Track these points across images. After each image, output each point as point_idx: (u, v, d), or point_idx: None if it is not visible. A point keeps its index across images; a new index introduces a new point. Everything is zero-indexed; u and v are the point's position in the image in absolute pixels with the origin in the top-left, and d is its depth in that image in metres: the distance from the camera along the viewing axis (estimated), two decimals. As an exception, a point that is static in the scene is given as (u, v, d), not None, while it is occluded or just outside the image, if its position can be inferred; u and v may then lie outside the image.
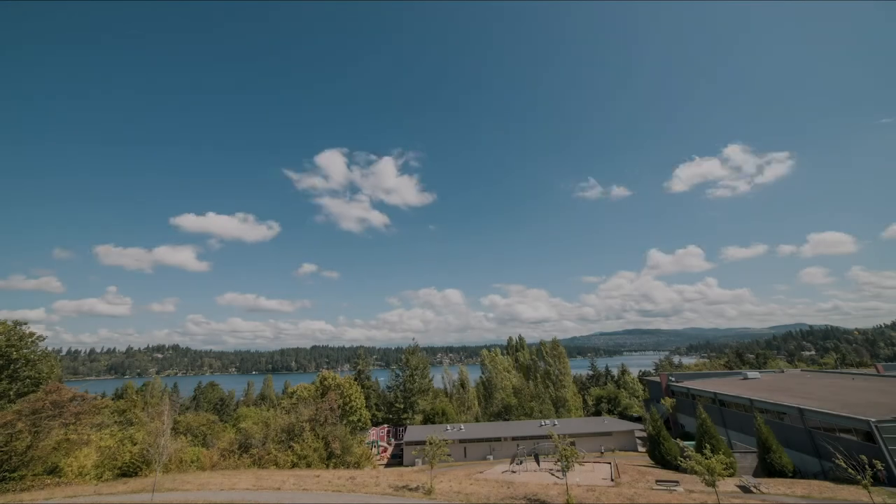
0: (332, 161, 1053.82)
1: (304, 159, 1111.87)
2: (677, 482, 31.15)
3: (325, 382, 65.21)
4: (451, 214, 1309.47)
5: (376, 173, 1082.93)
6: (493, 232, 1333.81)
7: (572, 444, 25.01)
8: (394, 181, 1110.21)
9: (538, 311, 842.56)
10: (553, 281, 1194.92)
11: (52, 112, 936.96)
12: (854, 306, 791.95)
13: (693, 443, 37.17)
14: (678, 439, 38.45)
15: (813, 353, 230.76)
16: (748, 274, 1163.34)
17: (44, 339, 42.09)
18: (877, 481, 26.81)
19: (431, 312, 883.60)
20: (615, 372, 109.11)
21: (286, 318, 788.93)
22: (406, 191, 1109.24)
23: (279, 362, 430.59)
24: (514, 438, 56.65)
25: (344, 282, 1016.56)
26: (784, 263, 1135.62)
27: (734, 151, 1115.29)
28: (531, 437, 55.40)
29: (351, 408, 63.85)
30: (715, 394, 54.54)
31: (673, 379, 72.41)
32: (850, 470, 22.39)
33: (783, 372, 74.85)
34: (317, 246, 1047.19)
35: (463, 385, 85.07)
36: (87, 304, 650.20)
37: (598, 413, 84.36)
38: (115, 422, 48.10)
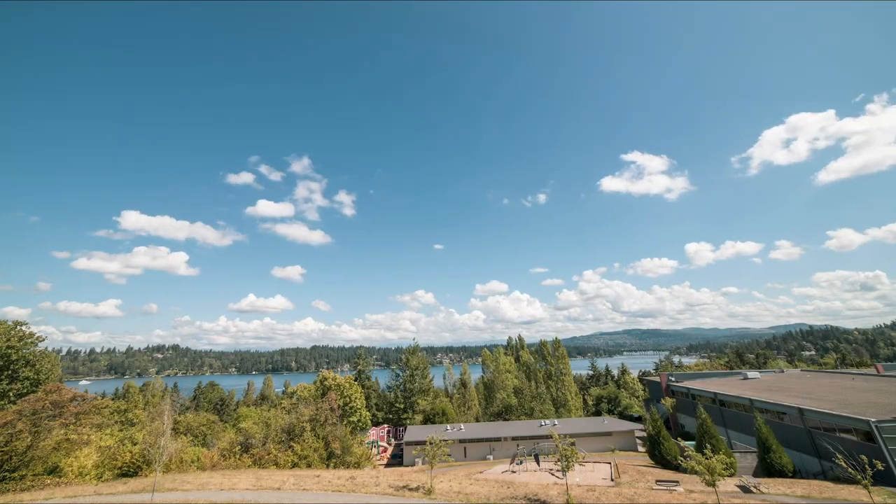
0: (269, 169, 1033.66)
1: (237, 164, 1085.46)
2: (677, 482, 31.16)
3: (326, 382, 65.23)
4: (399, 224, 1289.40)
5: (313, 188, 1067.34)
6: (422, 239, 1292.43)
7: (573, 444, 25.02)
8: (341, 196, 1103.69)
9: (521, 311, 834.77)
10: (520, 281, 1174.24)
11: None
12: (833, 306, 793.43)
13: (693, 443, 37.18)
14: (678, 439, 38.39)
15: (813, 353, 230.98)
16: (715, 276, 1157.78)
17: (43, 339, 42.12)
18: (879, 477, 26.78)
19: (413, 313, 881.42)
20: (615, 372, 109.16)
21: (272, 318, 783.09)
22: (345, 206, 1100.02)
23: (279, 362, 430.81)
24: (514, 438, 56.68)
25: (313, 286, 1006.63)
26: (742, 266, 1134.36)
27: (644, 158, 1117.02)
28: (531, 437, 55.43)
29: (351, 408, 63.87)
30: (715, 394, 54.55)
31: (673, 379, 72.41)
32: (850, 470, 22.40)
33: (783, 372, 74.85)
34: (275, 252, 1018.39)
35: (464, 385, 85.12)
36: (62, 306, 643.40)
37: (598, 413, 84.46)
38: (116, 422, 48.16)
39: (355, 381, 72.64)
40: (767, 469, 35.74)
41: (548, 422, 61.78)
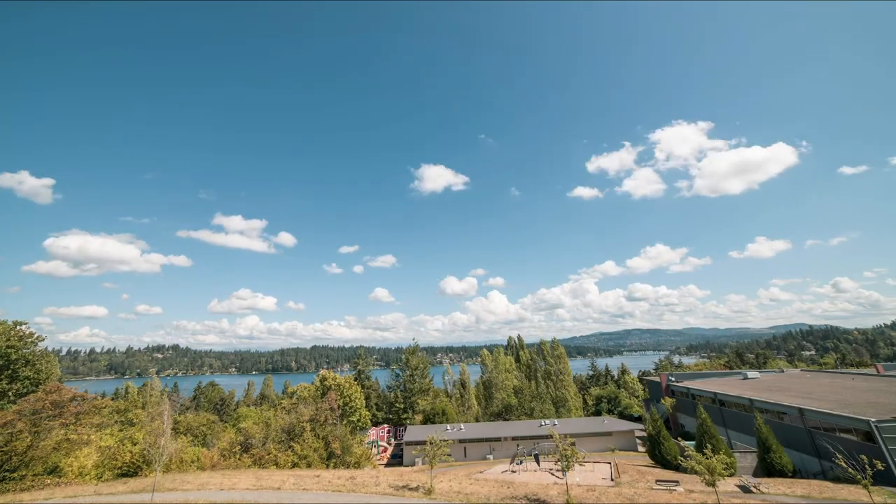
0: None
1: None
2: (677, 482, 31.17)
3: (325, 382, 65.27)
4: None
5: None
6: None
7: (573, 444, 25.01)
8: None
9: (497, 311, 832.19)
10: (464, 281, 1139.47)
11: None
12: (806, 308, 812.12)
13: (693, 443, 37.19)
14: (678, 439, 38.42)
15: (813, 352, 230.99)
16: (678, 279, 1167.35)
17: (43, 339, 42.10)
18: (879, 477, 26.80)
19: (392, 314, 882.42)
20: (615, 372, 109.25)
21: (247, 319, 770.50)
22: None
23: (279, 362, 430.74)
24: (514, 438, 56.69)
25: (284, 287, 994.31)
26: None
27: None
28: (531, 437, 55.43)
29: (351, 408, 63.92)
30: (715, 394, 54.56)
31: (673, 379, 72.43)
32: (850, 470, 22.40)
33: (783, 372, 74.88)
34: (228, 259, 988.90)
35: (464, 385, 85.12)
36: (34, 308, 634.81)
37: (598, 413, 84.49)
38: (116, 422, 48.13)
39: (355, 381, 72.66)
40: (767, 469, 35.75)
41: (548, 422, 61.79)
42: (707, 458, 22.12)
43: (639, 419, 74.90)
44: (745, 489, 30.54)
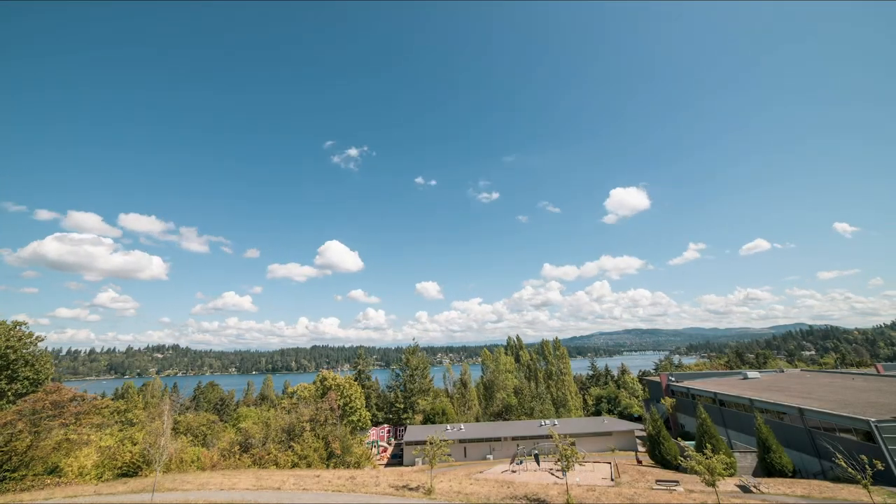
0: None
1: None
2: (677, 482, 31.18)
3: (326, 382, 65.25)
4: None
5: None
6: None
7: (573, 444, 25.00)
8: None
9: (477, 312, 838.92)
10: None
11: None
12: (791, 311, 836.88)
13: (693, 443, 37.19)
14: (678, 439, 38.44)
15: (813, 353, 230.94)
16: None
17: (43, 338, 42.04)
18: (879, 477, 26.78)
19: (373, 311, 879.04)
20: (615, 372, 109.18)
21: (235, 318, 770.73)
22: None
23: (279, 362, 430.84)
24: (514, 438, 56.69)
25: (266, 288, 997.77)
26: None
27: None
28: (531, 437, 55.44)
29: (351, 408, 63.91)
30: (715, 394, 54.55)
31: (673, 379, 72.42)
32: (850, 470, 22.39)
33: (783, 372, 74.87)
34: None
35: (464, 384, 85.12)
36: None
37: (598, 413, 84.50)
38: (116, 422, 48.14)
39: (355, 381, 72.66)
40: (767, 469, 35.76)
41: (548, 422, 61.79)
42: (707, 458, 22.10)
43: (639, 419, 74.88)
44: (745, 489, 30.54)
